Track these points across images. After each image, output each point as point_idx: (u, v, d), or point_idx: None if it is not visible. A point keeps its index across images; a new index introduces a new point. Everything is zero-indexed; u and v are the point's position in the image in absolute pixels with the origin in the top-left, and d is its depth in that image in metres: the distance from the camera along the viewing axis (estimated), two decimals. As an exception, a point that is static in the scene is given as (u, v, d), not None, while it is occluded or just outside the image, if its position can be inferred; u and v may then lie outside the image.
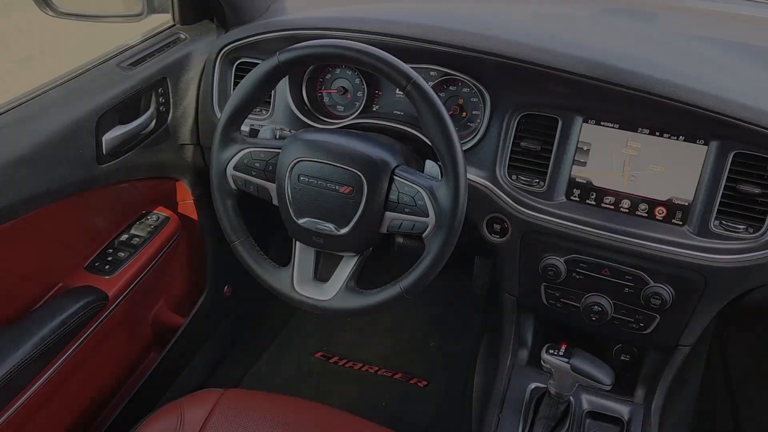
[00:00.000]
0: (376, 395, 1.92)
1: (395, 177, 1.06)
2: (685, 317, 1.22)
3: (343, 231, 1.08)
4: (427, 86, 1.01)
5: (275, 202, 1.13)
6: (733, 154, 1.10)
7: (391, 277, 1.10)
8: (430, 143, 1.03)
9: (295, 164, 1.08)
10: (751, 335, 2.09)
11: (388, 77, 1.02)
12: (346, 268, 1.14)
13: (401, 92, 1.03)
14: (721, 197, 1.12)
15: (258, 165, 1.13)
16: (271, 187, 1.13)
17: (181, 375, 1.79)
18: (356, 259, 1.13)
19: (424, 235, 1.06)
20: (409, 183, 1.06)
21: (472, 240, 1.32)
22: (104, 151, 1.26)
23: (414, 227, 1.06)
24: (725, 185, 1.11)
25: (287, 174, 1.08)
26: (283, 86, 1.36)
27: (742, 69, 1.21)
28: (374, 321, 2.16)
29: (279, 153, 1.10)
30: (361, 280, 1.16)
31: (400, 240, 1.94)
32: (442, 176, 1.04)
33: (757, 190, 1.10)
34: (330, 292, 1.13)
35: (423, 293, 1.10)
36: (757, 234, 1.11)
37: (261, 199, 1.15)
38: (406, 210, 1.05)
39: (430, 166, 1.11)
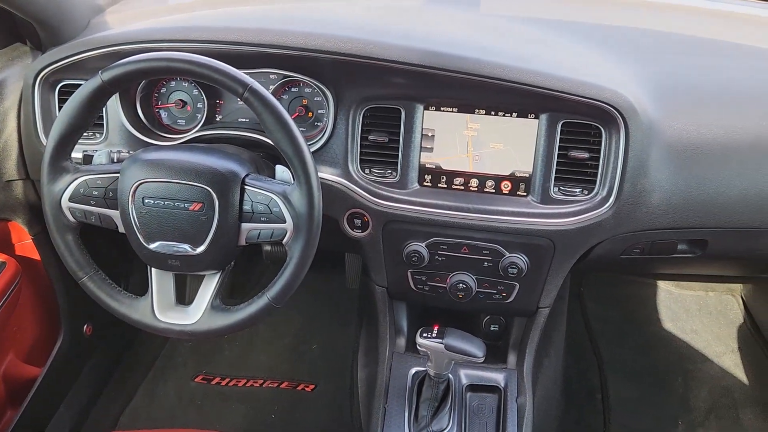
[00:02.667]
0: (264, 409, 1.88)
1: (246, 187, 1.04)
2: (540, 281, 1.30)
3: (200, 250, 1.04)
4: (265, 91, 0.99)
5: (122, 229, 1.07)
6: (561, 123, 1.19)
7: (266, 285, 1.08)
8: (277, 148, 1.02)
9: (137, 187, 1.02)
10: (603, 288, 2.29)
11: (223, 86, 0.99)
12: (208, 287, 1.10)
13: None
14: (557, 165, 1.20)
15: (96, 193, 1.05)
16: (115, 214, 1.06)
17: (47, 429, 1.64)
18: (218, 276, 1.10)
19: (284, 241, 1.04)
20: (262, 191, 1.04)
21: (337, 237, 1.32)
22: None
23: (273, 235, 1.05)
24: (558, 153, 1.20)
25: (130, 198, 1.03)
26: (115, 105, 1.28)
27: (562, 45, 1.30)
28: (252, 333, 2.11)
29: (118, 177, 1.04)
30: (236, 292, 1.12)
31: (268, 248, 1.90)
32: (294, 180, 1.03)
33: (586, 155, 1.19)
34: (195, 314, 1.09)
35: (298, 296, 1.09)
36: (591, 195, 1.21)
37: (106, 228, 1.08)
38: (262, 219, 1.04)
39: (281, 170, 1.09)
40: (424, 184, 1.26)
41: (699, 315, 2.24)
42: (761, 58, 1.34)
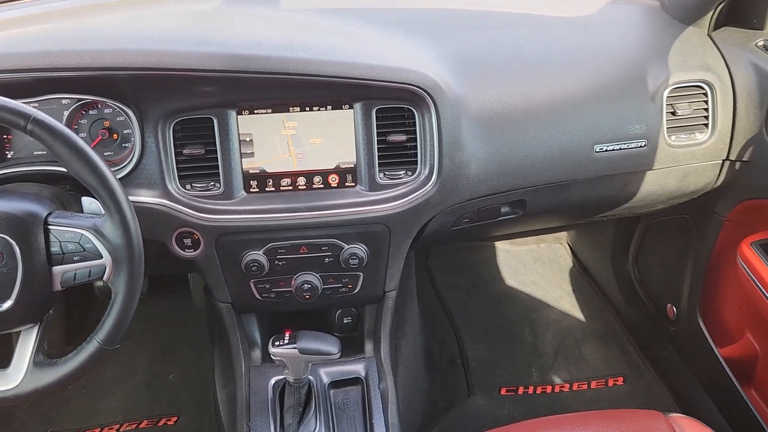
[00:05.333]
0: (125, 454, 1.75)
1: (50, 227, 0.95)
2: (383, 266, 1.32)
3: (7, 305, 0.93)
4: (51, 120, 0.90)
5: None
6: (375, 110, 1.21)
7: None
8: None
9: None
10: (447, 257, 2.39)
11: (2, 121, 0.89)
12: (27, 343, 0.99)
13: None
14: (378, 151, 1.22)
15: None
16: None
17: None
18: (36, 329, 0.99)
19: (105, 278, 0.97)
20: (69, 228, 0.95)
21: (169, 260, 1.25)
22: None
23: (91, 273, 0.97)
24: (378, 139, 1.22)
25: None
26: None
27: (365, 33, 1.32)
28: (99, 376, 1.95)
29: None
30: (74, 337, 1.01)
31: (100, 283, 1.76)
32: (104, 211, 0.95)
33: (404, 137, 1.22)
34: (16, 376, 0.97)
35: (145, 327, 1.02)
36: (415, 175, 1.24)
37: None
38: (76, 258, 0.95)
39: (89, 202, 1.01)
40: (251, 190, 1.22)
41: (535, 266, 2.42)
42: (546, 25, 1.45)
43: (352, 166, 1.23)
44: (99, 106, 1.18)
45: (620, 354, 2.04)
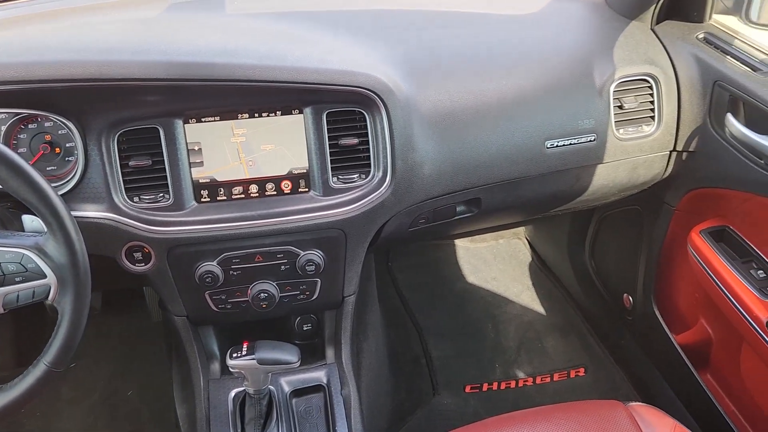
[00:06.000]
0: (84, 476, 1.70)
1: None
2: (340, 271, 1.31)
3: None
4: None
5: None
6: (325, 114, 1.19)
7: None
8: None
9: None
10: (408, 257, 2.40)
11: None
12: (-31, 370, 0.95)
13: None
14: (330, 155, 1.21)
15: None
16: None
17: None
18: (-22, 354, 0.95)
19: (50, 298, 0.93)
20: (10, 248, 0.91)
21: (119, 275, 1.22)
22: None
23: (35, 294, 0.93)
24: (329, 143, 1.20)
25: None
26: None
27: (312, 37, 1.30)
28: (53, 398, 1.88)
29: None
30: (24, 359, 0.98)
31: (48, 302, 1.71)
32: (47, 228, 0.92)
33: (356, 140, 1.21)
34: None
35: (100, 343, 0.98)
36: (369, 178, 1.23)
37: None
38: (18, 279, 0.91)
39: (30, 220, 0.97)
40: (202, 200, 1.19)
41: (495, 262, 2.44)
42: (493, 23, 1.46)
43: (305, 171, 1.21)
44: (39, 119, 1.14)
45: (581, 345, 2.07)
